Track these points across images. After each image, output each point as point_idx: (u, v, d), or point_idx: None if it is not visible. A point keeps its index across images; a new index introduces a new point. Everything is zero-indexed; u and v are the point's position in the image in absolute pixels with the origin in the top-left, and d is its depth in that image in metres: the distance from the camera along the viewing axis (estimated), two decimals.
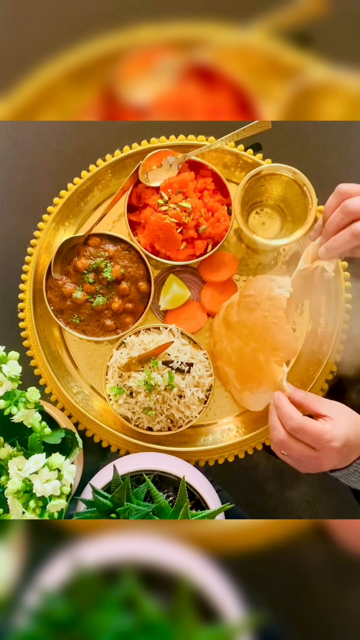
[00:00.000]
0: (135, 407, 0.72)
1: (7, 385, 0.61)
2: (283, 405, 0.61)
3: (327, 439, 0.57)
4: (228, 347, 0.73)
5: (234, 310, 0.71)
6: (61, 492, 0.58)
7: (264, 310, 0.68)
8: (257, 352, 0.69)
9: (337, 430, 0.57)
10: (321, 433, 0.57)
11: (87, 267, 0.74)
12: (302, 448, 0.58)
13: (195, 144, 0.76)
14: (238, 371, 0.72)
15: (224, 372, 0.75)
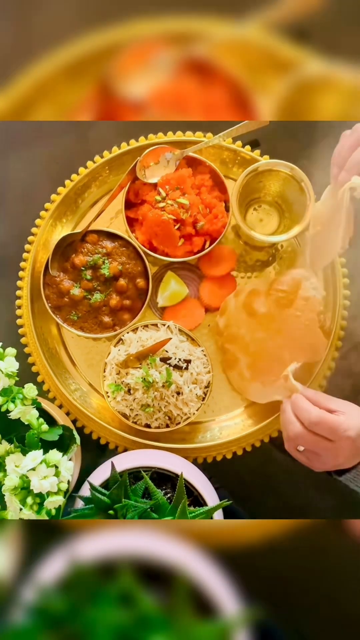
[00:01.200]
0: (133, 404, 0.72)
1: (4, 381, 0.60)
2: (300, 400, 0.63)
3: (344, 429, 0.59)
4: (247, 336, 0.73)
5: (261, 301, 0.72)
6: (59, 488, 0.58)
7: (296, 310, 0.69)
8: (283, 349, 0.70)
9: (352, 421, 0.60)
10: (338, 424, 0.59)
11: (84, 264, 0.74)
12: (319, 440, 0.60)
13: (193, 140, 0.76)
14: (254, 361, 0.73)
15: (234, 357, 0.74)
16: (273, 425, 0.75)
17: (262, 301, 0.72)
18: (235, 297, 0.75)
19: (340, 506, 0.76)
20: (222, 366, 0.77)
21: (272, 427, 0.75)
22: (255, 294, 0.73)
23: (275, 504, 0.77)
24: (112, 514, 0.58)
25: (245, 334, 0.73)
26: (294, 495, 0.77)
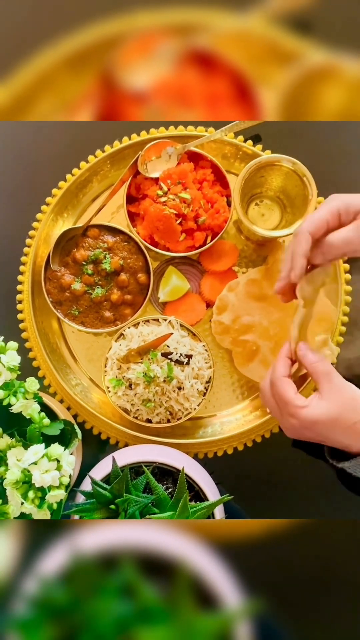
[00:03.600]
0: (134, 399, 0.72)
1: (5, 375, 0.60)
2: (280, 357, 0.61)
3: (289, 412, 0.57)
4: (264, 320, 0.73)
5: (265, 285, 0.73)
6: (60, 482, 0.58)
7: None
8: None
9: (306, 411, 0.56)
10: (287, 401, 0.57)
11: (85, 259, 0.74)
12: (272, 401, 0.59)
13: (194, 135, 0.76)
14: (278, 344, 0.73)
15: (253, 347, 0.74)
16: (274, 420, 0.75)
17: (266, 285, 0.73)
18: (232, 292, 0.74)
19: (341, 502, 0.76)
20: (235, 362, 0.75)
21: (273, 422, 0.75)
22: (255, 282, 0.73)
23: (276, 500, 0.77)
24: (113, 509, 0.58)
25: (261, 319, 0.73)
26: (295, 491, 0.77)
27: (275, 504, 0.77)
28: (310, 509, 0.77)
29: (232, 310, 0.74)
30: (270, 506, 0.77)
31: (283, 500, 0.77)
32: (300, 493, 0.77)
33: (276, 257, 0.74)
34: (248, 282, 0.74)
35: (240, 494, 0.74)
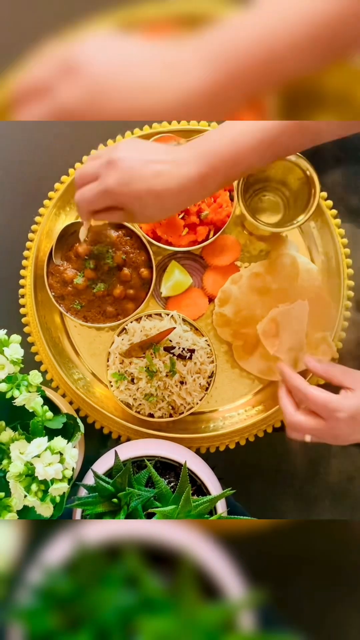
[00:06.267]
0: (137, 393, 0.72)
1: (9, 368, 0.60)
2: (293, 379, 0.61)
3: (332, 409, 0.56)
4: (267, 314, 0.73)
5: (269, 279, 0.73)
6: (63, 475, 0.58)
7: (302, 281, 0.73)
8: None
9: (347, 401, 0.56)
10: (325, 402, 0.56)
11: (88, 253, 0.74)
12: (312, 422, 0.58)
13: (197, 129, 0.76)
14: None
15: (254, 340, 0.74)
16: (276, 415, 0.75)
17: (270, 279, 0.73)
18: (235, 284, 0.75)
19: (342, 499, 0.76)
20: (235, 355, 0.76)
21: (275, 417, 0.75)
22: (259, 275, 0.74)
23: (278, 495, 0.77)
24: (115, 502, 0.58)
25: (263, 313, 0.73)
26: (297, 486, 0.77)
27: (277, 498, 0.77)
28: (312, 503, 0.77)
29: (235, 303, 0.74)
30: (271, 505, 0.77)
31: (285, 495, 0.77)
32: (302, 487, 0.77)
33: (279, 252, 0.74)
34: (251, 275, 0.74)
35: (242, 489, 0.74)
